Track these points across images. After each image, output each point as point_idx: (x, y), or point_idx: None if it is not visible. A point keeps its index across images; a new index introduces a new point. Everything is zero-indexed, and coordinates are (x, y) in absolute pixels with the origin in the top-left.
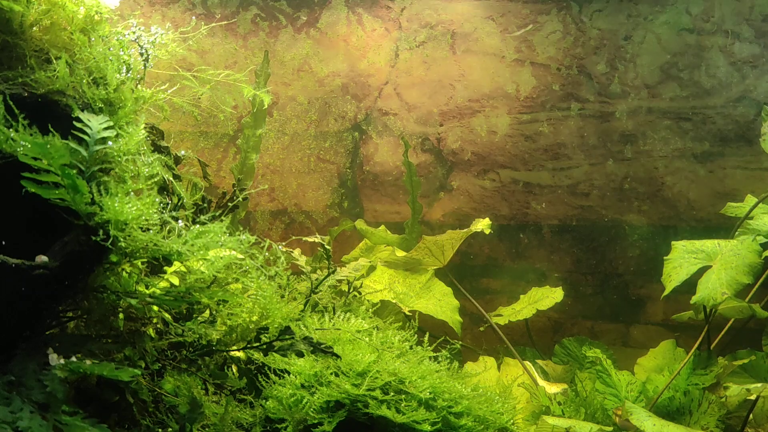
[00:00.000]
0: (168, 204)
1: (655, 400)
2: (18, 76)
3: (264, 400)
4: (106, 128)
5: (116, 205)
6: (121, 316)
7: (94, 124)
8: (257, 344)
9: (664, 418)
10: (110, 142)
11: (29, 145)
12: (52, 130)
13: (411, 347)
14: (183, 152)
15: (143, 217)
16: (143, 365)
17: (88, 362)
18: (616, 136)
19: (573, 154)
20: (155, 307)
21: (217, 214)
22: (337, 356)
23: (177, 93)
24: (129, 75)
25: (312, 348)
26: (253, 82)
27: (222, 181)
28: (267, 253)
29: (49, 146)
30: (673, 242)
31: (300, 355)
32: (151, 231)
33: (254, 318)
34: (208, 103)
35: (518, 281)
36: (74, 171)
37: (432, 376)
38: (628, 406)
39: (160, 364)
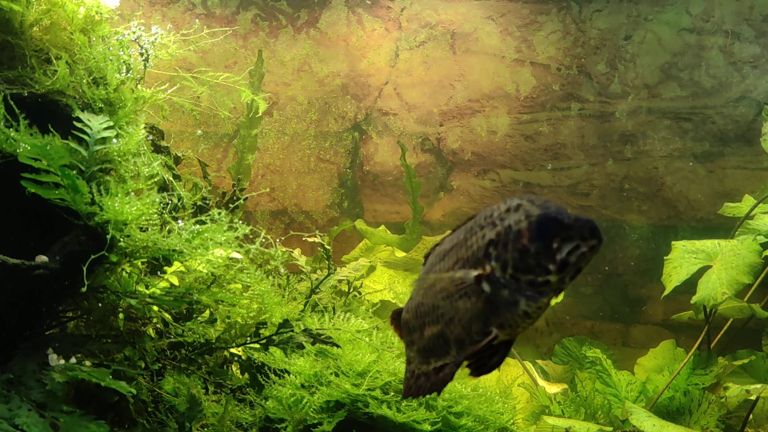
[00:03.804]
0: (168, 204)
1: (655, 400)
2: (18, 76)
3: (264, 400)
4: (106, 128)
5: (116, 205)
6: (121, 316)
7: (94, 124)
8: (257, 339)
9: (664, 418)
10: (115, 140)
11: (29, 146)
12: (52, 130)
13: None
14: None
15: (143, 217)
16: (143, 365)
17: (87, 363)
18: (616, 136)
19: (573, 154)
20: (155, 307)
21: (218, 213)
22: (338, 346)
23: (177, 93)
24: (129, 75)
25: (312, 339)
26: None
27: (222, 181)
28: (266, 252)
29: (49, 146)
30: (673, 242)
31: (300, 347)
32: (150, 231)
33: (252, 314)
34: (208, 104)
35: None
36: (74, 171)
37: None
38: (628, 406)
39: (160, 364)
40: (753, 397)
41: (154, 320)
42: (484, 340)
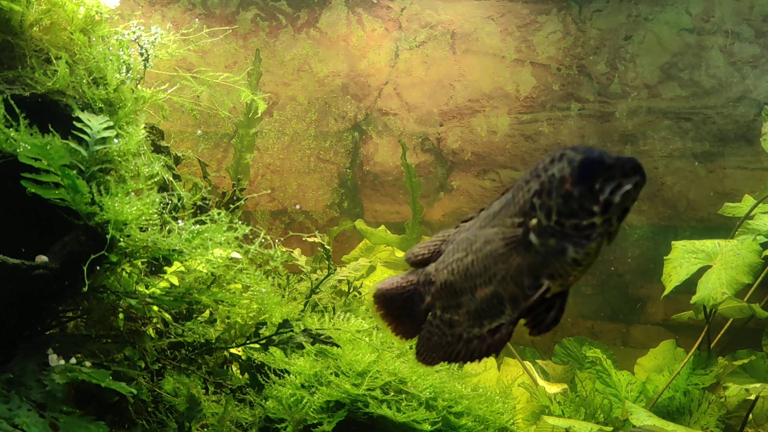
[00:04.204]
0: (168, 204)
1: (655, 400)
2: (18, 76)
3: (264, 400)
4: (106, 128)
5: (116, 205)
6: (121, 316)
7: (94, 124)
8: (257, 339)
9: (664, 418)
10: (115, 140)
11: (29, 146)
12: (52, 130)
13: (411, 347)
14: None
15: (143, 217)
16: (143, 365)
17: (87, 363)
18: (616, 136)
19: None
20: (155, 307)
21: (217, 213)
22: (338, 346)
23: (177, 93)
24: (129, 75)
25: (312, 339)
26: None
27: (222, 181)
28: (265, 252)
29: (49, 146)
30: (673, 242)
31: (300, 347)
32: (150, 231)
33: (252, 314)
34: (208, 104)
35: None
36: (74, 171)
37: (432, 375)
38: (628, 406)
39: (160, 364)
40: (752, 397)
41: (154, 320)
42: (536, 293)
